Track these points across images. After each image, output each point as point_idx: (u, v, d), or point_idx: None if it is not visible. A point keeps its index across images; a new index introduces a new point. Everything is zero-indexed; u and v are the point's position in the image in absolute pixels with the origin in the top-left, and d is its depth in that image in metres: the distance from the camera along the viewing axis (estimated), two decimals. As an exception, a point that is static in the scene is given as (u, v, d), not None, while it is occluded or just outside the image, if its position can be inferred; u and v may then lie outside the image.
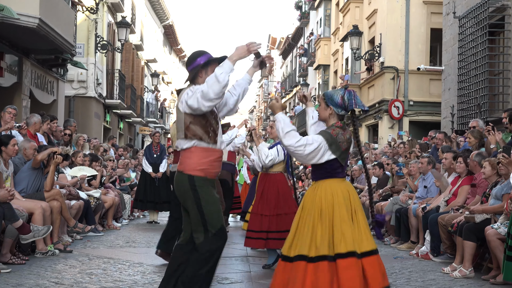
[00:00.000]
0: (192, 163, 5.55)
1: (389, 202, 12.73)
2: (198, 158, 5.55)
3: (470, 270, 8.49)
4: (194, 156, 5.56)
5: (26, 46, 16.93)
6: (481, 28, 16.73)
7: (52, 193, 10.06)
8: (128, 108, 30.99)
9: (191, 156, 5.58)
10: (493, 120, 13.98)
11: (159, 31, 44.00)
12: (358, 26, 25.66)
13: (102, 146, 17.08)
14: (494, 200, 8.60)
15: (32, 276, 7.67)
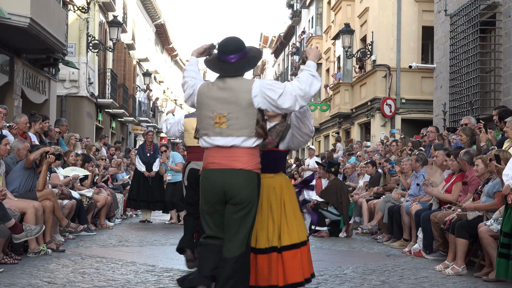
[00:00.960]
0: (259, 162, 5.32)
1: (382, 200, 12.76)
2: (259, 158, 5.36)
3: (463, 268, 8.50)
4: (258, 156, 5.34)
5: (17, 46, 16.88)
6: (472, 25, 16.78)
7: (44, 192, 10.03)
8: (120, 108, 30.96)
9: (256, 154, 5.31)
10: (485, 117, 14.00)
11: (151, 30, 43.95)
12: (350, 24, 25.70)
13: (94, 146, 17.06)
14: (486, 198, 8.62)
15: (24, 276, 7.65)
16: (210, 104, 5.27)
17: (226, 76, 5.33)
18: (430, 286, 7.68)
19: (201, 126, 5.32)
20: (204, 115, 5.30)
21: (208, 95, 5.30)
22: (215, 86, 5.32)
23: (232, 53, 5.32)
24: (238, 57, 5.34)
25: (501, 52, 15.61)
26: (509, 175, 7.27)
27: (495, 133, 10.83)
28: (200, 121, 5.35)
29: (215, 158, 5.25)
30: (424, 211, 10.34)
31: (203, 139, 5.31)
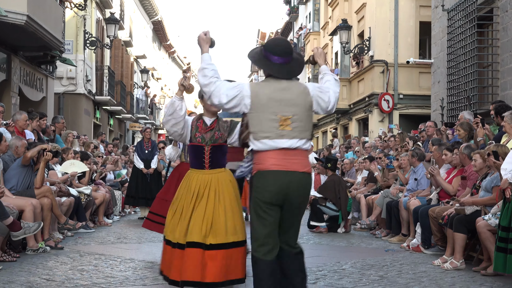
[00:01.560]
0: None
1: (380, 195, 12.76)
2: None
3: (461, 262, 8.52)
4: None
5: (14, 43, 16.86)
6: (469, 20, 16.76)
7: (42, 190, 10.03)
8: (118, 105, 30.94)
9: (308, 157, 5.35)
10: (483, 112, 14.00)
11: (148, 27, 43.91)
12: (347, 20, 25.69)
13: (92, 143, 17.05)
14: (484, 192, 8.63)
15: (23, 273, 7.65)
16: (272, 106, 5.09)
17: (283, 78, 5.22)
18: (428, 281, 7.68)
19: (261, 129, 5.09)
20: (265, 118, 5.09)
21: (270, 97, 5.11)
22: (272, 88, 5.16)
23: (287, 56, 5.23)
24: (290, 60, 5.25)
25: (499, 47, 15.60)
26: (507, 169, 7.28)
27: (492, 128, 10.83)
28: (258, 124, 5.10)
29: (278, 160, 5.10)
30: (423, 206, 10.35)
31: (263, 142, 5.08)
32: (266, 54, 5.22)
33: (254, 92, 5.11)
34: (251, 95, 5.09)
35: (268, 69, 5.24)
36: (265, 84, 5.22)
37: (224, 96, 5.10)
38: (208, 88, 5.13)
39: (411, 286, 7.31)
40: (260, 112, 5.10)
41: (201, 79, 5.17)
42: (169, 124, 5.91)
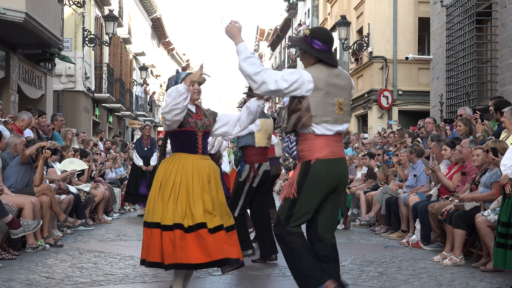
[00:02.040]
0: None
1: (379, 191, 12.77)
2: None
3: (461, 258, 8.52)
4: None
5: (13, 41, 16.84)
6: (468, 16, 16.76)
7: (41, 187, 10.03)
8: (117, 102, 30.92)
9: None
10: (482, 108, 14.00)
11: (147, 24, 43.87)
12: (346, 16, 25.66)
13: (92, 140, 17.05)
14: (483, 188, 8.63)
15: (22, 271, 7.65)
16: (329, 90, 5.23)
17: (334, 64, 5.36)
18: (428, 277, 7.69)
19: (321, 113, 5.18)
20: (325, 101, 5.20)
21: (327, 81, 5.23)
22: (327, 73, 5.28)
23: (331, 44, 5.40)
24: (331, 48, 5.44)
25: (497, 42, 15.59)
26: (507, 165, 7.27)
27: (491, 124, 10.82)
28: (319, 107, 5.18)
29: (333, 148, 5.25)
30: (422, 202, 10.35)
31: (323, 126, 5.18)
32: (314, 42, 5.32)
33: (314, 76, 5.19)
34: (312, 79, 5.17)
35: (321, 55, 5.32)
36: (319, 69, 5.28)
37: (283, 81, 5.14)
38: (259, 76, 5.15)
39: (410, 282, 7.32)
40: (320, 96, 5.19)
41: (250, 68, 5.14)
42: (172, 114, 5.69)
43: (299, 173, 5.24)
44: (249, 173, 8.71)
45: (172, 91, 5.65)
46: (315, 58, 5.34)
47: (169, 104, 5.65)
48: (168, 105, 5.66)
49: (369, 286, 7.09)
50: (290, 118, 5.27)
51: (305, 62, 5.42)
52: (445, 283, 7.29)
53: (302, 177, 5.22)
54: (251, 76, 5.14)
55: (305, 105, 5.16)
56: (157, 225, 5.71)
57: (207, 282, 7.18)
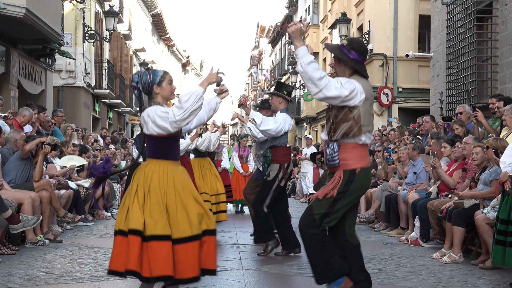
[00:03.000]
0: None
1: (379, 189, 12.77)
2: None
3: (459, 255, 8.53)
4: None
5: (13, 36, 16.82)
6: (469, 14, 16.75)
7: (41, 183, 10.04)
8: (117, 98, 30.90)
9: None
10: (482, 105, 14.00)
11: (147, 20, 43.84)
12: (347, 13, 25.64)
13: (91, 136, 17.04)
14: (483, 186, 8.64)
15: (22, 266, 7.66)
16: (372, 102, 5.48)
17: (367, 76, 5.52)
18: (427, 274, 7.70)
19: (367, 122, 5.37)
20: (369, 112, 5.41)
21: (371, 93, 5.45)
22: (368, 84, 5.47)
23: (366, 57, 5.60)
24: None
25: (498, 40, 15.59)
26: (506, 162, 7.28)
27: (490, 122, 10.82)
28: (365, 117, 5.36)
29: (368, 156, 5.56)
30: (421, 199, 10.36)
31: (366, 136, 5.40)
32: (351, 52, 5.43)
33: (364, 87, 5.36)
34: (364, 90, 5.33)
35: (357, 66, 5.45)
36: (361, 80, 5.41)
37: (344, 89, 5.24)
38: (323, 81, 5.19)
39: (409, 279, 7.32)
40: (367, 107, 5.39)
41: (315, 72, 5.17)
42: (189, 119, 5.37)
43: (342, 181, 5.38)
44: (279, 172, 8.78)
45: (191, 96, 5.32)
46: (351, 68, 5.45)
47: (187, 110, 5.30)
48: (186, 111, 5.30)
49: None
50: (339, 128, 5.36)
51: (340, 71, 5.52)
52: (444, 280, 7.30)
53: (345, 184, 5.38)
54: (314, 80, 5.18)
55: (356, 114, 5.31)
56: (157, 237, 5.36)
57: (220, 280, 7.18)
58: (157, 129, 5.41)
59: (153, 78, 5.58)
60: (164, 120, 5.35)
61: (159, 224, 5.34)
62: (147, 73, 5.60)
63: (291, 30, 5.33)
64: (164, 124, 5.36)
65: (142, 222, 5.34)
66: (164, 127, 5.38)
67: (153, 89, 5.57)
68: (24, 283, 6.73)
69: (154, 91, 5.57)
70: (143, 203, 5.43)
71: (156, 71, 5.63)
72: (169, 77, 5.68)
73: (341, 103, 5.29)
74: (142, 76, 5.59)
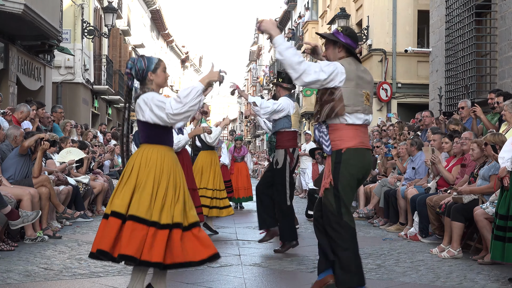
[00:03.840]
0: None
1: (378, 184, 12.78)
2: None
3: (458, 251, 8.54)
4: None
5: (12, 33, 16.82)
6: (468, 9, 16.74)
7: (40, 179, 10.04)
8: (116, 94, 30.89)
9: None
10: (481, 101, 14.00)
11: (146, 16, 43.81)
12: (345, 8, 25.61)
13: (91, 132, 17.04)
14: (482, 181, 8.64)
15: (21, 262, 7.67)
16: (359, 83, 5.52)
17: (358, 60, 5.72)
18: (426, 269, 7.71)
19: (352, 102, 5.44)
20: (355, 92, 5.47)
21: (356, 74, 5.53)
22: (356, 67, 5.60)
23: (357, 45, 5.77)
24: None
25: (497, 35, 15.58)
26: (505, 158, 7.28)
27: (489, 117, 10.82)
28: (350, 97, 5.45)
29: (362, 138, 5.55)
30: (420, 195, 10.36)
31: (355, 116, 5.46)
32: (345, 37, 5.64)
33: (346, 68, 5.46)
34: (345, 70, 5.43)
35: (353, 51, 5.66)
36: (348, 62, 5.56)
37: (322, 72, 5.36)
38: (302, 65, 5.32)
39: (408, 275, 7.33)
40: (352, 87, 5.47)
41: (293, 57, 5.32)
42: (186, 114, 5.31)
43: (331, 163, 5.48)
44: (285, 158, 8.76)
45: (191, 91, 5.26)
46: (344, 52, 5.62)
47: (186, 104, 5.25)
48: (185, 105, 5.25)
49: (367, 278, 7.06)
50: (323, 109, 5.46)
51: (333, 55, 5.67)
52: (443, 276, 7.31)
53: (335, 166, 5.45)
54: (293, 65, 5.29)
55: (338, 95, 5.40)
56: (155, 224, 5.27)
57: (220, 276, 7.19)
58: (154, 117, 5.35)
59: (148, 65, 5.52)
60: (160, 109, 5.28)
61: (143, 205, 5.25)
62: (141, 59, 5.54)
63: (264, 24, 5.47)
64: (160, 114, 5.29)
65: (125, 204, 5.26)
66: (160, 117, 5.31)
67: (147, 75, 5.52)
68: (23, 279, 6.74)
69: (148, 77, 5.52)
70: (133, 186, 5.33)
71: (151, 58, 5.57)
72: (164, 64, 5.64)
73: (321, 86, 5.43)
74: (137, 62, 5.53)
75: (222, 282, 6.80)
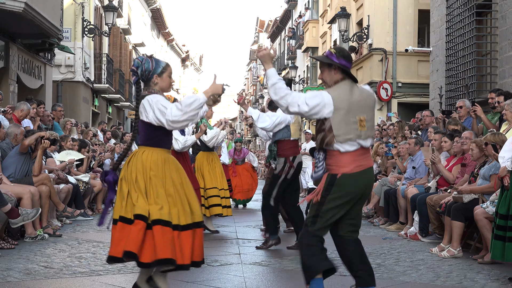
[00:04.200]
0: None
1: (378, 183, 12.77)
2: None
3: (458, 250, 8.54)
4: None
5: (12, 31, 16.82)
6: (468, 8, 16.73)
7: (40, 177, 10.04)
8: (116, 93, 30.90)
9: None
10: (481, 100, 14.00)
11: (147, 14, 43.80)
12: (346, 8, 25.63)
13: (91, 130, 17.04)
14: (482, 180, 8.64)
15: (21, 261, 7.67)
16: (351, 109, 5.39)
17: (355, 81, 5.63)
18: (425, 268, 7.71)
19: (343, 132, 5.37)
20: (346, 121, 5.37)
21: (349, 101, 5.41)
22: (350, 92, 5.48)
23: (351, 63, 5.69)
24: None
25: (497, 35, 15.58)
26: (505, 157, 7.28)
27: (489, 116, 10.81)
28: (340, 127, 5.36)
29: (359, 161, 5.44)
30: (420, 194, 10.36)
31: (347, 143, 5.39)
32: (339, 59, 5.55)
33: (335, 98, 5.37)
34: (333, 102, 5.35)
35: (349, 72, 5.60)
36: (342, 89, 5.49)
37: (305, 105, 5.33)
38: (284, 100, 5.35)
39: (408, 274, 7.34)
40: (341, 116, 5.37)
41: (276, 93, 5.36)
42: (185, 123, 5.34)
43: (324, 184, 5.47)
44: (284, 166, 8.87)
45: (194, 101, 5.28)
46: (341, 74, 5.55)
47: (186, 113, 5.27)
48: (185, 114, 5.27)
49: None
50: (317, 138, 5.51)
51: (329, 79, 5.59)
52: (443, 275, 7.31)
53: (326, 187, 5.45)
54: (277, 100, 5.38)
55: (328, 125, 5.38)
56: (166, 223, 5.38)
57: (220, 274, 7.19)
58: (156, 121, 5.39)
59: (155, 67, 5.53)
60: (162, 114, 5.31)
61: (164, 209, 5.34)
62: (149, 61, 5.54)
63: (260, 55, 5.58)
64: (161, 119, 5.33)
65: (147, 208, 5.33)
66: (161, 122, 5.35)
67: (152, 77, 5.53)
68: (24, 277, 6.74)
69: (153, 80, 5.53)
70: (145, 191, 5.40)
71: (159, 61, 5.58)
72: (170, 69, 5.66)
73: (309, 117, 5.45)
74: (144, 63, 5.54)
75: (222, 281, 6.80)
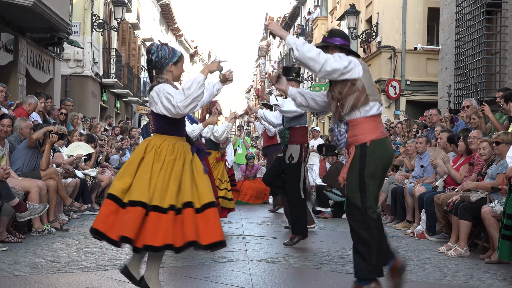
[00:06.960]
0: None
1: (385, 181, 12.75)
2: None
3: (465, 249, 8.52)
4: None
5: (21, 25, 16.86)
6: (478, 7, 16.69)
7: (48, 171, 10.06)
8: (124, 87, 30.94)
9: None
10: (490, 99, 13.96)
11: (156, 10, 43.82)
12: (355, 5, 25.57)
13: (100, 124, 17.06)
14: (490, 180, 8.61)
15: (28, 255, 7.69)
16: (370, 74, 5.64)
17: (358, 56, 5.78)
18: (432, 267, 7.69)
19: (372, 92, 5.52)
20: (372, 82, 5.60)
21: (366, 66, 5.62)
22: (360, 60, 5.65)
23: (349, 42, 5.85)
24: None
25: (507, 34, 15.54)
26: (514, 157, 7.26)
27: (497, 116, 10.78)
28: (370, 87, 5.53)
29: (382, 127, 5.64)
30: (428, 193, 10.34)
31: (376, 105, 5.55)
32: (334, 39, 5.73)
33: (360, 61, 5.58)
34: (360, 62, 5.55)
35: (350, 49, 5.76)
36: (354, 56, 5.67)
37: (343, 61, 5.45)
38: (322, 56, 5.40)
39: (415, 273, 7.32)
40: (368, 78, 5.55)
41: (312, 51, 5.41)
42: (191, 106, 5.29)
43: (354, 157, 5.46)
44: (301, 152, 8.88)
45: (192, 83, 5.25)
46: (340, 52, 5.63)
47: (189, 96, 5.25)
48: (188, 97, 5.25)
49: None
50: (347, 101, 5.48)
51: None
52: (450, 274, 7.29)
53: (360, 160, 5.43)
54: (314, 57, 5.39)
55: (361, 85, 5.48)
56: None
57: (226, 271, 7.19)
58: (164, 111, 5.36)
59: (172, 55, 5.52)
60: (168, 101, 5.29)
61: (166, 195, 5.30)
62: (166, 48, 5.52)
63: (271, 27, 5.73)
64: (169, 106, 5.30)
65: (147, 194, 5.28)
66: (168, 109, 5.32)
67: (167, 65, 5.50)
68: (30, 271, 6.75)
69: (168, 68, 5.51)
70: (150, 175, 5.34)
71: (175, 50, 5.57)
72: (184, 59, 5.69)
73: (341, 75, 5.45)
74: (161, 49, 5.50)
75: (228, 277, 6.80)
